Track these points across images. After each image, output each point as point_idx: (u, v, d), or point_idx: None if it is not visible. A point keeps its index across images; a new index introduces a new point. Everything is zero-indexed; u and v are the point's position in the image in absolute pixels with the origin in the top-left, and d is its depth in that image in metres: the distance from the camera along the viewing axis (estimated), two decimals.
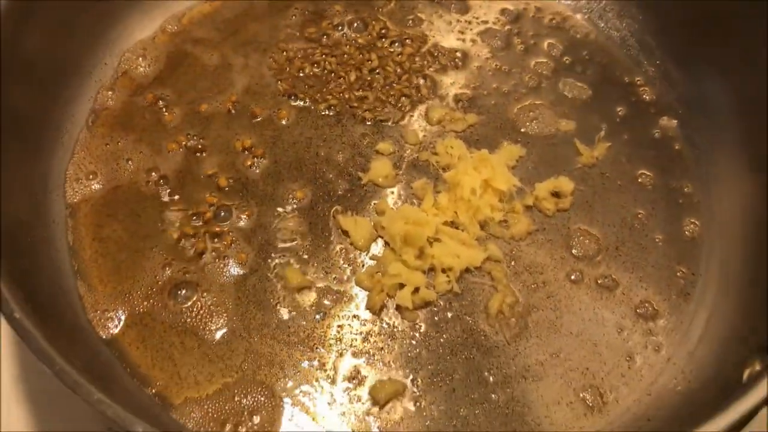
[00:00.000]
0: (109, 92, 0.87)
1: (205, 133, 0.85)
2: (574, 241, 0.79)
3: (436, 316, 0.74)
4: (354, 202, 0.81)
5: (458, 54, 0.93)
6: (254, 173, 0.82)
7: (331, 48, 0.92)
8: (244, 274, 0.75)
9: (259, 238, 0.78)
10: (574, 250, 0.79)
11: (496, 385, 0.70)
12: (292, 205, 0.80)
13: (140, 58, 0.90)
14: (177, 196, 0.80)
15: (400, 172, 0.83)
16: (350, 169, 0.83)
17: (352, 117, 0.87)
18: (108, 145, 0.83)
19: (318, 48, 0.92)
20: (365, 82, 0.89)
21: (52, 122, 0.82)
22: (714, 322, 0.74)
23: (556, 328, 0.74)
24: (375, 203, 0.81)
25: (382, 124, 0.87)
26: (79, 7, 0.84)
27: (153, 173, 0.81)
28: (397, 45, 0.93)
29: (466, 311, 0.74)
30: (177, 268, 0.75)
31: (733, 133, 0.84)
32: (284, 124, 0.86)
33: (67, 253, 0.76)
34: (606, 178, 0.84)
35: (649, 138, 0.87)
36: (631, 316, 0.75)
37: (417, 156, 0.84)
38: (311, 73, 0.90)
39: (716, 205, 0.82)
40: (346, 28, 0.94)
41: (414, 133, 0.86)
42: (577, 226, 0.80)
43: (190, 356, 0.71)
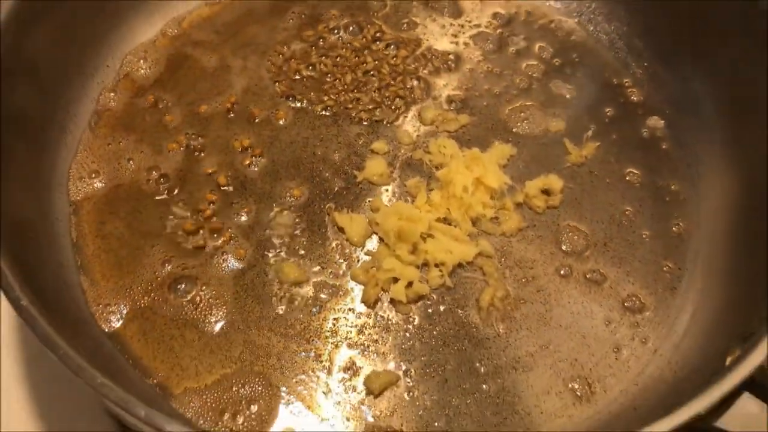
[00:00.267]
0: (111, 94, 0.90)
1: (205, 133, 0.87)
2: (564, 237, 0.81)
3: (429, 309, 0.76)
4: (350, 199, 0.83)
5: (451, 56, 0.95)
6: (253, 172, 0.84)
7: (328, 50, 0.94)
8: (242, 269, 0.78)
9: (257, 235, 0.80)
10: (563, 246, 0.81)
11: (487, 376, 0.72)
12: (290, 203, 0.82)
13: (141, 61, 0.92)
14: (177, 194, 0.82)
15: (394, 171, 0.85)
16: (346, 168, 0.85)
17: (348, 117, 0.89)
18: (110, 145, 0.86)
19: (314, 50, 0.94)
20: (361, 83, 0.92)
21: (56, 123, 0.84)
22: (699, 315, 0.77)
23: (546, 321, 0.76)
24: (370, 200, 0.83)
25: (377, 124, 0.89)
26: (82, 10, 0.87)
27: (154, 172, 0.83)
28: (392, 48, 0.95)
29: (459, 304, 0.76)
30: (177, 264, 0.77)
31: (718, 133, 0.86)
32: (282, 125, 0.88)
33: (71, 249, 0.78)
34: (594, 176, 0.86)
35: (636, 138, 0.90)
36: (618, 309, 0.77)
37: (411, 155, 0.87)
38: (308, 75, 0.92)
39: (702, 203, 0.84)
40: (342, 32, 0.96)
41: (408, 133, 0.88)
42: (567, 223, 0.82)
43: (190, 348, 0.73)
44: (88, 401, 0.76)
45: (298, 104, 0.90)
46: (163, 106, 0.89)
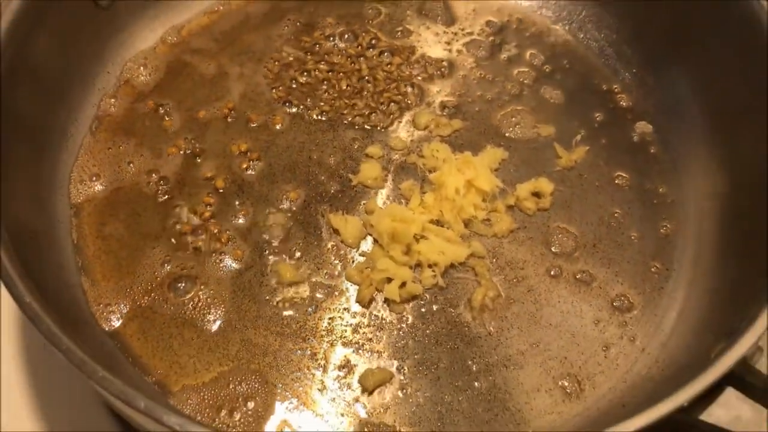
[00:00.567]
0: (112, 99, 0.91)
1: (203, 138, 0.89)
2: (554, 239, 0.83)
3: (422, 309, 0.78)
4: (345, 202, 0.85)
5: (444, 63, 0.98)
6: (250, 175, 0.86)
7: (323, 57, 0.97)
8: (240, 270, 0.79)
9: (255, 236, 0.82)
10: (553, 247, 0.83)
11: (478, 373, 0.74)
12: (286, 205, 0.84)
13: (141, 68, 0.94)
14: (176, 197, 0.84)
15: (388, 174, 0.87)
16: (341, 172, 0.87)
17: (343, 122, 0.91)
18: (110, 149, 0.87)
19: (310, 57, 0.97)
20: (356, 89, 0.94)
21: (58, 127, 0.86)
22: (685, 314, 0.78)
23: (536, 320, 0.78)
24: (365, 203, 0.85)
25: (371, 129, 0.91)
26: (84, 18, 0.88)
27: (153, 175, 0.85)
28: (387, 55, 0.98)
29: (451, 304, 0.78)
30: (176, 264, 0.79)
31: (705, 137, 0.88)
32: (278, 130, 0.90)
33: (72, 250, 0.80)
34: (584, 179, 0.88)
35: (625, 142, 0.92)
36: (607, 308, 0.79)
37: (405, 159, 0.89)
38: (304, 82, 0.94)
39: (689, 205, 0.86)
40: (338, 39, 0.99)
41: (402, 138, 0.90)
42: (557, 225, 0.84)
43: (188, 346, 0.74)
44: (88, 400, 0.78)
45: (295, 110, 0.92)
46: (163, 112, 0.91)
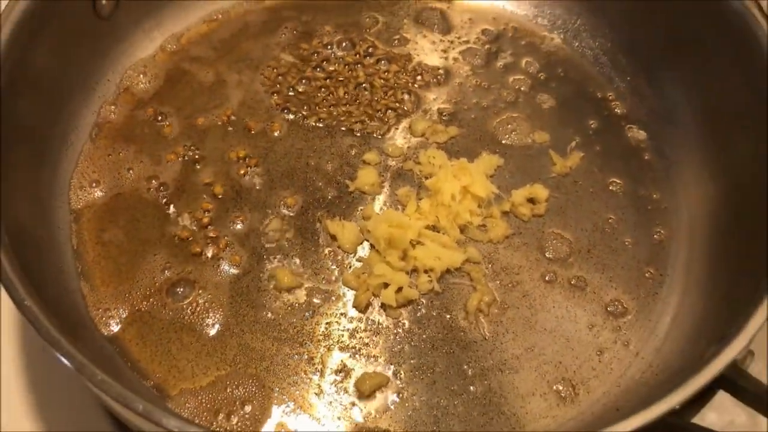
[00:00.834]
0: (112, 107, 0.92)
1: (202, 145, 0.90)
2: (549, 244, 0.84)
3: (418, 314, 0.79)
4: (342, 208, 0.86)
5: (441, 71, 0.99)
6: (248, 182, 0.87)
7: (321, 65, 0.98)
8: (238, 275, 0.80)
9: (253, 242, 0.82)
10: (548, 253, 0.83)
11: (474, 378, 0.75)
12: (284, 211, 0.85)
13: (141, 75, 0.95)
14: (175, 203, 0.85)
15: (385, 181, 0.88)
16: (338, 178, 0.88)
17: (341, 129, 0.92)
18: (110, 156, 0.88)
19: (308, 65, 0.98)
20: (353, 97, 0.95)
21: (58, 134, 0.87)
22: (679, 319, 0.79)
23: (531, 325, 0.78)
24: (361, 209, 0.86)
25: (368, 136, 0.92)
26: (84, 28, 0.89)
27: (153, 181, 0.86)
28: (384, 63, 0.99)
29: (447, 309, 0.79)
30: (175, 269, 0.80)
31: (698, 144, 0.89)
32: (277, 136, 0.91)
33: (71, 255, 0.81)
34: (579, 186, 0.89)
35: (620, 149, 0.93)
36: (601, 313, 0.80)
37: (401, 165, 0.90)
38: (302, 89, 0.95)
39: (682, 211, 0.87)
40: (335, 47, 1.00)
41: (399, 145, 0.91)
42: (552, 231, 0.85)
43: (187, 351, 0.75)
44: (87, 403, 0.78)
45: (293, 117, 0.93)
46: (162, 119, 0.92)
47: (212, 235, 0.82)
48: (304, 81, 0.96)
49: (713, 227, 0.84)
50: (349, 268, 0.81)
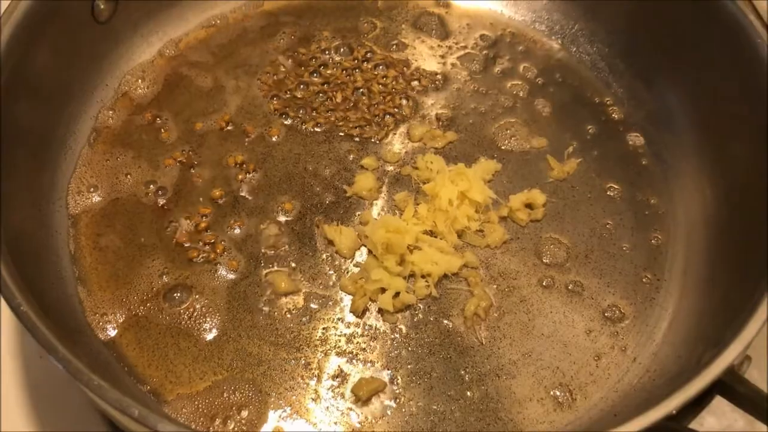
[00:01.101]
0: (110, 112, 0.93)
1: (200, 150, 0.90)
2: (546, 249, 0.84)
3: (415, 319, 0.79)
4: (339, 213, 0.86)
5: (439, 76, 0.99)
6: (246, 187, 0.87)
7: (319, 70, 0.98)
8: (235, 280, 0.80)
9: (250, 247, 0.82)
10: (545, 258, 0.83)
11: (471, 383, 0.75)
12: (282, 216, 0.85)
13: (139, 80, 0.96)
14: (172, 208, 0.85)
15: (383, 186, 0.88)
16: (336, 183, 0.88)
17: (339, 134, 0.92)
18: (108, 161, 0.88)
19: (306, 70, 0.98)
20: (351, 102, 0.95)
21: (56, 139, 0.87)
22: (676, 324, 0.79)
23: (528, 330, 0.78)
24: (359, 214, 0.86)
25: (366, 141, 0.92)
26: (83, 33, 0.90)
27: (151, 186, 0.86)
28: (382, 68, 0.99)
29: (444, 314, 0.79)
30: (172, 274, 0.80)
31: (696, 149, 0.89)
32: (274, 141, 0.91)
33: (69, 260, 0.81)
34: (576, 191, 0.89)
35: (617, 154, 0.93)
36: (599, 318, 0.80)
37: (399, 170, 0.90)
38: (300, 94, 0.96)
39: (679, 216, 0.87)
40: (333, 52, 1.00)
41: (396, 150, 0.91)
42: (549, 236, 0.85)
43: (183, 356, 0.75)
44: (84, 408, 0.78)
45: (290, 122, 0.93)
46: (160, 124, 0.92)
47: (210, 240, 0.82)
48: (302, 86, 0.96)
49: (710, 232, 0.84)
50: (347, 273, 0.81)
